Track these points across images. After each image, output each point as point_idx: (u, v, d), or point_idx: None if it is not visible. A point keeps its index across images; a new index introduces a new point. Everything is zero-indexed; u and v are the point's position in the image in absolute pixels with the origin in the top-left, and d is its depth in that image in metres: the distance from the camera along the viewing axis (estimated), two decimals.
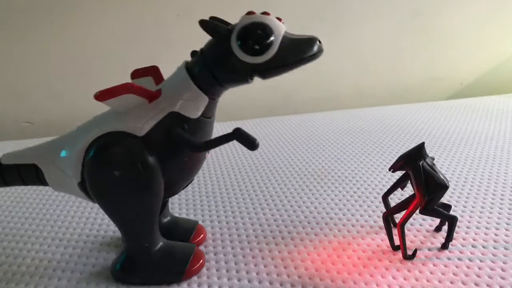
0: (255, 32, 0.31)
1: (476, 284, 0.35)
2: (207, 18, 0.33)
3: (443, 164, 0.61)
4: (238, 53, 0.31)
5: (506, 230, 0.42)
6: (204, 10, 0.91)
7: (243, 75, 0.33)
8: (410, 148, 0.40)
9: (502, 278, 0.35)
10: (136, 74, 0.38)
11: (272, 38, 0.31)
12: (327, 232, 0.44)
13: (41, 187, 0.58)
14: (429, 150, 0.66)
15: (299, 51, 0.31)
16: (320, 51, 0.32)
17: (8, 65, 0.88)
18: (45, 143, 0.37)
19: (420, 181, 0.37)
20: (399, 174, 0.41)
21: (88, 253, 0.41)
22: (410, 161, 0.38)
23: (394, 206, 0.41)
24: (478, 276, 0.36)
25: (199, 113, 0.34)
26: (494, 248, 0.39)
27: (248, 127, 0.84)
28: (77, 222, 0.48)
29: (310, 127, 0.84)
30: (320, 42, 0.32)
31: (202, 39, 0.34)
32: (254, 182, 0.58)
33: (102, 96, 0.31)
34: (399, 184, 0.41)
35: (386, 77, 1.10)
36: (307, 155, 0.67)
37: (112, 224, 0.47)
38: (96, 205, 0.51)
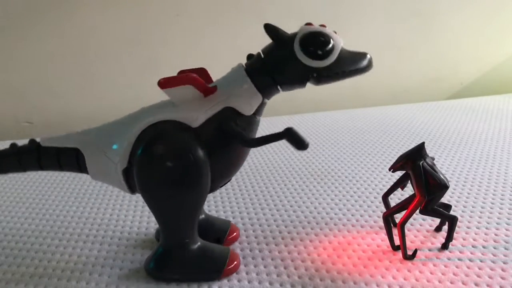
0: (318, 39, 0.34)
1: (476, 284, 0.35)
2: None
3: (443, 164, 0.61)
4: (301, 57, 0.34)
5: (506, 230, 0.42)
6: (203, 11, 0.91)
7: (302, 78, 0.35)
8: (410, 148, 0.40)
9: (502, 278, 0.35)
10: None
11: (333, 46, 0.34)
12: (327, 232, 0.44)
13: (42, 185, 0.58)
14: (429, 150, 0.66)
15: (355, 61, 0.34)
16: (371, 65, 0.35)
17: (8, 65, 0.88)
18: (91, 129, 0.37)
19: (420, 181, 0.37)
20: (399, 174, 0.41)
21: (88, 252, 0.41)
22: (410, 161, 0.38)
23: (394, 206, 0.41)
24: (478, 276, 0.36)
25: (252, 111, 0.36)
26: (494, 248, 0.39)
27: None
28: (77, 222, 0.48)
29: (310, 127, 0.84)
30: (371, 57, 0.35)
31: (202, 39, 0.34)
32: (254, 182, 0.58)
33: (165, 83, 0.33)
34: (399, 184, 0.41)
35: (386, 77, 1.10)
36: (307, 155, 0.67)
37: (111, 224, 0.47)
38: (97, 205, 0.51)
